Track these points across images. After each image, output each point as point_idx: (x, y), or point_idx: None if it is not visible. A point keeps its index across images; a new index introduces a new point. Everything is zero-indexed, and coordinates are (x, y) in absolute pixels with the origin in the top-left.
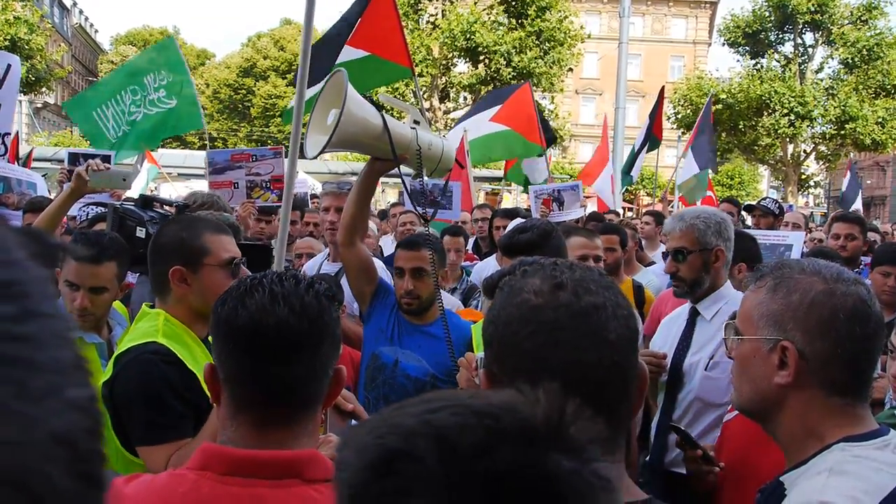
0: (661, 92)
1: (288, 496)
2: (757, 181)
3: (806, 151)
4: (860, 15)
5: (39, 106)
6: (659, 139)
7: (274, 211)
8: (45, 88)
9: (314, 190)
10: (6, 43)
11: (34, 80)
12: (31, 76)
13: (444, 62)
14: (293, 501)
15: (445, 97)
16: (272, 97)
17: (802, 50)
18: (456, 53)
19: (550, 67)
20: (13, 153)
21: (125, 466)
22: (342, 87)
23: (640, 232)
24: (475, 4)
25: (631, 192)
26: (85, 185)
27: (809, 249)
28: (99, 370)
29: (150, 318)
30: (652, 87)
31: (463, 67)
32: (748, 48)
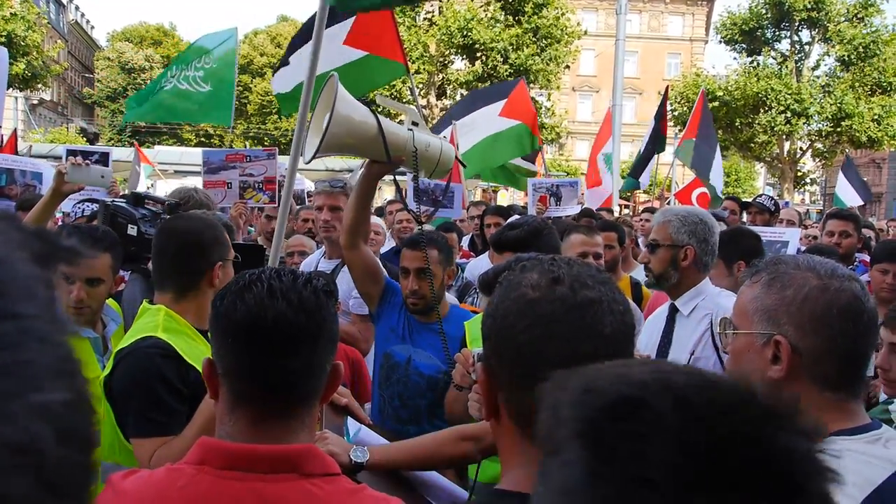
0: (665, 92)
1: (285, 490)
2: (753, 178)
3: (802, 149)
4: (856, 12)
5: (35, 102)
6: (665, 138)
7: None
8: (41, 85)
9: (309, 188)
10: (2, 39)
11: (30, 76)
12: (27, 73)
13: (440, 59)
14: (291, 495)
15: (442, 94)
16: (268, 94)
17: (799, 47)
18: (453, 50)
19: (547, 64)
20: (11, 148)
21: (128, 459)
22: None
23: (639, 229)
24: (472, 1)
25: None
26: (65, 181)
27: (806, 247)
28: (94, 365)
29: (150, 313)
30: (649, 84)
31: (460, 64)
32: (745, 45)
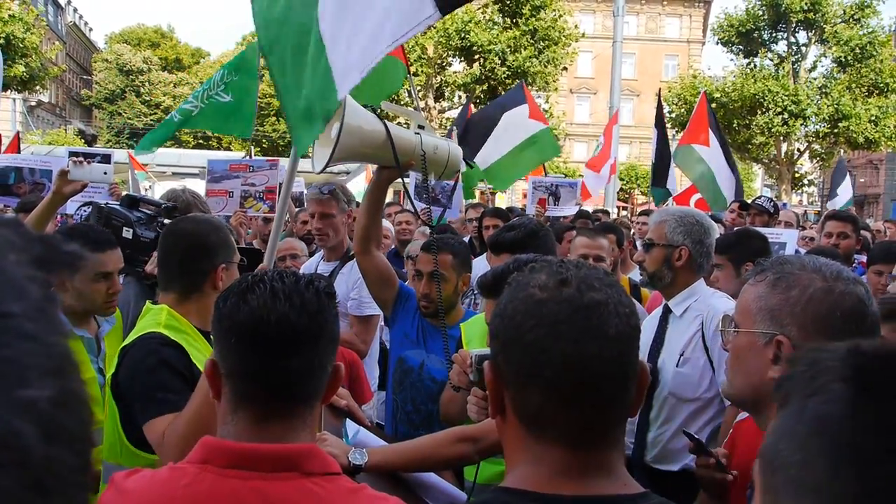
0: (659, 95)
1: (287, 489)
2: (751, 180)
3: (800, 150)
4: (853, 13)
5: (34, 104)
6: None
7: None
8: (39, 87)
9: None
10: (1, 42)
11: (28, 78)
12: (25, 75)
13: (438, 61)
14: (292, 494)
15: (440, 96)
16: (266, 96)
17: (796, 48)
18: (451, 53)
19: (545, 66)
20: (15, 151)
21: (130, 461)
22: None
23: (636, 232)
24: (470, 3)
25: (625, 191)
26: (68, 181)
27: (808, 250)
28: (87, 365)
29: (153, 313)
30: (646, 86)
31: (458, 66)
32: (742, 47)
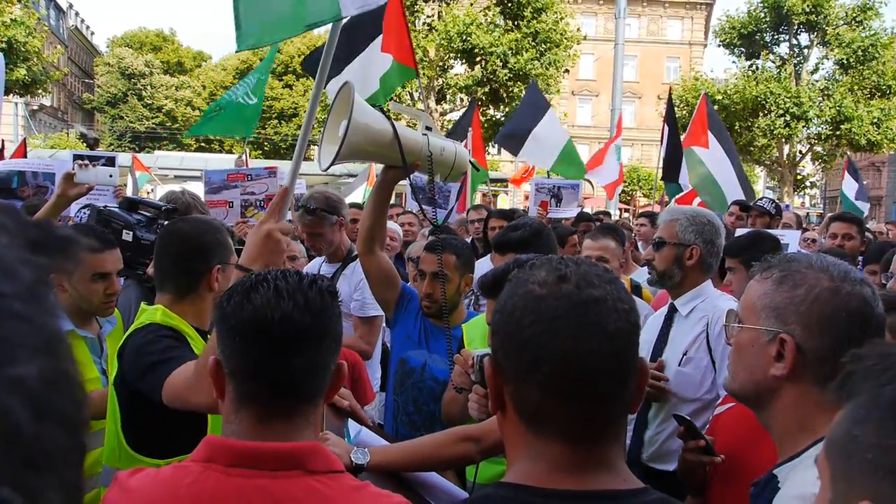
0: (669, 95)
1: (291, 487)
2: (753, 182)
3: (802, 152)
4: (855, 15)
5: (36, 108)
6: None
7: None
8: (41, 91)
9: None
10: (3, 45)
11: (30, 82)
12: (27, 78)
13: (440, 64)
14: (296, 492)
15: (442, 99)
16: (268, 99)
17: (797, 51)
18: (452, 55)
19: (547, 69)
20: (21, 156)
21: (129, 464)
22: (350, 98)
23: (636, 233)
24: (471, 6)
25: (627, 192)
26: (73, 185)
27: (819, 251)
28: (91, 366)
29: (148, 313)
30: (648, 88)
31: (459, 69)
32: (743, 49)
